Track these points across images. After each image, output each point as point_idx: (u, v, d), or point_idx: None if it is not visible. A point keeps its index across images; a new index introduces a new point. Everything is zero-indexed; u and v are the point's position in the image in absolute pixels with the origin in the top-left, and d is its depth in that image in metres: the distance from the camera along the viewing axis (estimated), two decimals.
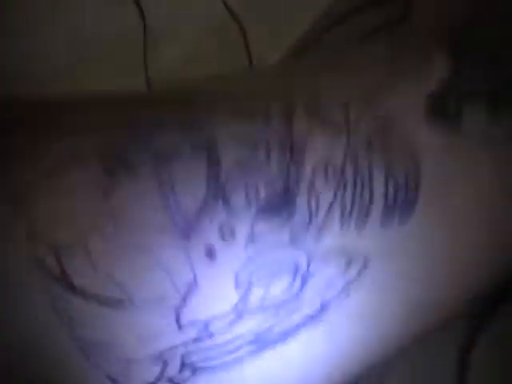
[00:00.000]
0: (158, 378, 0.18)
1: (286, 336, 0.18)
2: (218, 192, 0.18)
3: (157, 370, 0.18)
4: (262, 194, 0.18)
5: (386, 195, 0.18)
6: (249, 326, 0.18)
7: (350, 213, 0.18)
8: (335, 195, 0.18)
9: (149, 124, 0.19)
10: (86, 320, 0.18)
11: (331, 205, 0.18)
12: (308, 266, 0.18)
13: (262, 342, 0.18)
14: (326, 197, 0.18)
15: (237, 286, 0.18)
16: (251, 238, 0.18)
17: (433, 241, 0.19)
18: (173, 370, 0.18)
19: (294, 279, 0.18)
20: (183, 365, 0.18)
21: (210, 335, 0.18)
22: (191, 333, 0.18)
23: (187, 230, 0.18)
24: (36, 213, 0.18)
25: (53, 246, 0.17)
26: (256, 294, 0.18)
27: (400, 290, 0.19)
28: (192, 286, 0.18)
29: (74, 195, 0.18)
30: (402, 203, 0.19)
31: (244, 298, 0.18)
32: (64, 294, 0.17)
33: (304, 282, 0.18)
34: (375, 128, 0.19)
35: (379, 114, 0.19)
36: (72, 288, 0.17)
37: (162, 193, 0.18)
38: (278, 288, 0.18)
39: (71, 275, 0.17)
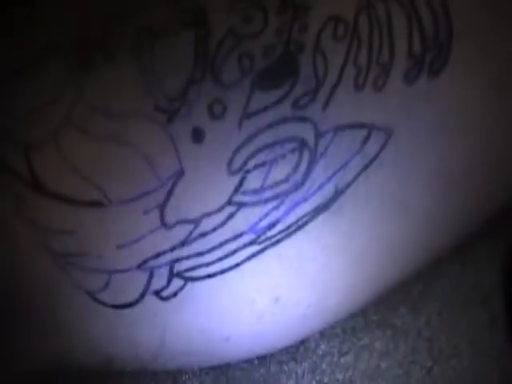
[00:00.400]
0: (143, 293, 0.15)
1: (292, 232, 0.15)
2: (206, 66, 0.15)
3: (141, 282, 0.15)
4: (258, 63, 0.15)
5: (410, 46, 0.15)
6: (247, 221, 0.15)
7: (367, 73, 0.15)
8: (347, 55, 0.15)
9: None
10: (59, 227, 0.15)
11: (343, 67, 0.14)
12: (316, 141, 0.14)
13: (263, 241, 0.15)
14: (337, 58, 0.14)
15: (231, 172, 0.14)
16: (246, 115, 0.14)
17: (467, 99, 0.15)
18: (160, 281, 0.15)
19: (299, 160, 0.14)
20: (172, 275, 0.15)
21: (202, 235, 0.15)
22: (180, 234, 0.15)
23: (171, 112, 0.14)
24: (2, 107, 0.15)
25: (21, 143, 0.14)
26: (254, 181, 0.15)
27: (427, 167, 0.15)
28: (178, 177, 0.14)
29: (46, 88, 0.15)
30: (432, 54, 0.15)
31: (240, 187, 0.14)
32: (36, 199, 0.15)
33: (312, 162, 0.14)
34: None
35: None
36: (44, 192, 0.15)
37: (143, 77, 0.15)
38: (281, 173, 0.14)
39: (42, 178, 0.14)
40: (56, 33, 0.16)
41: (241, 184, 0.14)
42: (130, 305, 0.16)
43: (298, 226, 0.15)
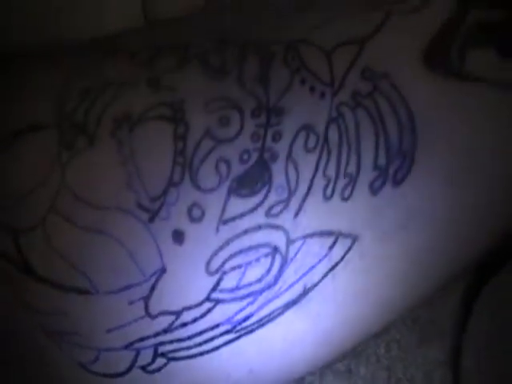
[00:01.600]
0: (130, 367, 0.17)
1: (265, 323, 0.16)
2: (185, 168, 0.16)
3: (128, 358, 0.17)
4: (235, 169, 0.16)
5: (376, 158, 0.16)
6: (224, 315, 0.16)
7: (335, 184, 0.16)
8: (317, 166, 0.16)
9: (111, 81, 0.17)
10: (51, 309, 0.16)
11: (313, 178, 0.16)
12: (287, 247, 0.16)
13: (239, 331, 0.16)
14: (307, 169, 0.16)
15: (209, 272, 0.16)
16: (223, 220, 0.16)
17: (432, 199, 0.17)
18: (145, 359, 0.17)
19: (272, 263, 0.16)
20: (156, 354, 0.17)
21: (183, 325, 0.16)
22: (163, 323, 0.16)
23: (152, 212, 0.16)
24: None
25: (10, 229, 0.16)
26: (230, 281, 0.16)
27: (390, 265, 0.17)
28: (160, 274, 0.16)
29: (28, 171, 0.16)
30: (395, 165, 0.16)
31: (217, 285, 0.16)
32: (26, 282, 0.16)
33: (283, 265, 0.16)
34: (364, 81, 0.16)
35: (369, 63, 0.16)
36: (34, 276, 0.16)
37: (124, 167, 0.16)
38: (255, 273, 0.16)
39: (32, 263, 0.16)
40: (37, 112, 0.16)
41: (218, 283, 0.16)
42: (119, 375, 0.17)
43: (270, 318, 0.16)
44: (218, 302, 0.16)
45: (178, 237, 0.16)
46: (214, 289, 0.16)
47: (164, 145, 0.16)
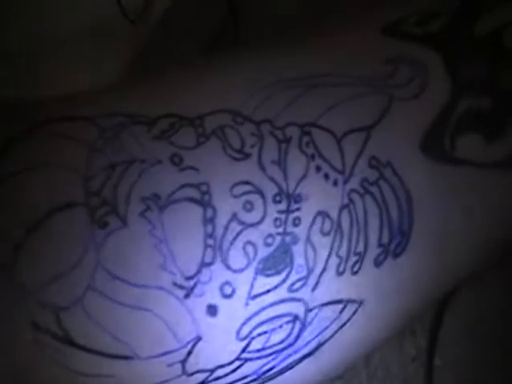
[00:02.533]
0: None
1: (284, 371, 0.20)
2: (215, 250, 0.18)
3: None
4: (260, 251, 0.18)
5: (380, 239, 0.19)
6: (251, 369, 0.19)
7: (346, 262, 0.18)
8: (332, 247, 0.18)
9: (134, 156, 0.18)
10: (96, 373, 0.18)
11: (328, 257, 0.18)
12: (306, 315, 0.19)
13: (263, 378, 0.19)
14: (323, 251, 0.18)
15: (239, 338, 0.18)
16: (251, 296, 0.18)
17: (424, 268, 0.20)
18: None
19: (292, 328, 0.19)
20: None
21: (216, 379, 0.19)
22: (198, 379, 0.19)
23: (187, 290, 0.18)
24: (28, 276, 0.17)
25: (51, 308, 0.17)
26: (257, 344, 0.19)
27: (391, 320, 0.20)
28: (196, 341, 0.18)
29: (64, 250, 0.17)
30: (396, 241, 0.19)
31: (246, 348, 0.19)
32: (71, 352, 0.18)
33: (302, 329, 0.19)
34: (371, 170, 0.18)
35: (375, 152, 0.18)
36: (77, 347, 0.18)
37: (158, 250, 0.18)
38: (278, 337, 0.19)
39: (73, 334, 0.17)
40: (65, 189, 0.18)
41: (247, 346, 0.19)
42: None
43: (289, 367, 0.20)
44: (246, 360, 0.19)
45: (212, 310, 0.18)
46: (243, 351, 0.19)
47: (195, 228, 0.18)
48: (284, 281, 0.18)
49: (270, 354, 0.19)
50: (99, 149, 0.18)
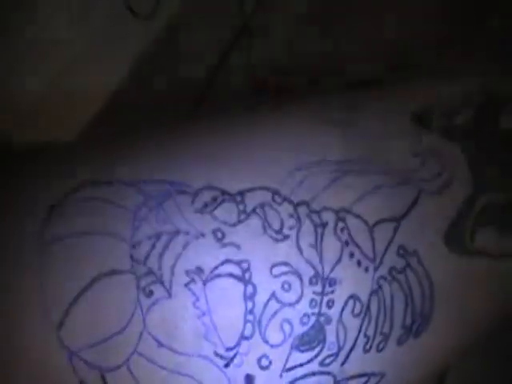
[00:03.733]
0: None
1: None
2: (254, 325, 0.19)
3: None
4: (296, 329, 0.20)
5: (404, 320, 0.21)
6: None
7: (373, 341, 0.20)
8: (360, 328, 0.20)
9: (178, 228, 0.19)
10: None
11: (357, 337, 0.20)
12: None
13: None
14: (353, 331, 0.20)
15: None
16: (286, 368, 0.20)
17: (441, 346, 0.22)
18: None
19: None
20: None
21: None
22: None
23: (227, 360, 0.19)
24: (76, 339, 0.19)
25: (98, 369, 0.19)
26: None
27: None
28: None
29: (112, 315, 0.19)
30: (417, 323, 0.21)
31: None
32: None
33: None
34: (398, 258, 0.20)
35: (403, 242, 0.20)
36: None
37: (201, 321, 0.19)
38: None
39: None
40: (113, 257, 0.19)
41: None
42: None
43: None
44: None
45: (249, 379, 0.20)
46: None
47: (236, 303, 0.19)
48: (316, 356, 0.20)
49: None
50: (144, 217, 0.20)
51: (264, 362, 0.20)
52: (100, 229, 0.19)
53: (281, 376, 0.20)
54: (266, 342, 0.20)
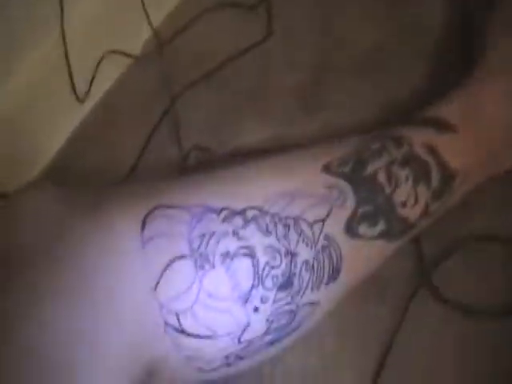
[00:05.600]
0: None
1: None
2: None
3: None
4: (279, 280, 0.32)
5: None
6: None
7: (318, 282, 0.33)
8: (309, 280, 0.32)
9: (213, 229, 0.30)
10: (190, 347, 0.30)
11: (308, 281, 0.32)
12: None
13: None
14: (306, 280, 0.32)
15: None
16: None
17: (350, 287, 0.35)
18: None
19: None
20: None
21: None
22: None
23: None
24: (164, 297, 0.29)
25: (174, 313, 0.29)
26: None
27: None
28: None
29: (180, 283, 0.29)
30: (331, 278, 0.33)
31: None
32: (181, 337, 0.30)
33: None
34: (320, 246, 0.32)
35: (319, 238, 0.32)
36: (186, 334, 0.30)
37: (231, 285, 0.30)
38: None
39: (185, 328, 0.29)
40: (179, 248, 0.30)
41: None
42: None
43: None
44: None
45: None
46: None
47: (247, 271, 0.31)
48: (289, 293, 0.31)
49: None
50: (194, 226, 0.31)
51: None
52: (170, 232, 0.31)
53: None
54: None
